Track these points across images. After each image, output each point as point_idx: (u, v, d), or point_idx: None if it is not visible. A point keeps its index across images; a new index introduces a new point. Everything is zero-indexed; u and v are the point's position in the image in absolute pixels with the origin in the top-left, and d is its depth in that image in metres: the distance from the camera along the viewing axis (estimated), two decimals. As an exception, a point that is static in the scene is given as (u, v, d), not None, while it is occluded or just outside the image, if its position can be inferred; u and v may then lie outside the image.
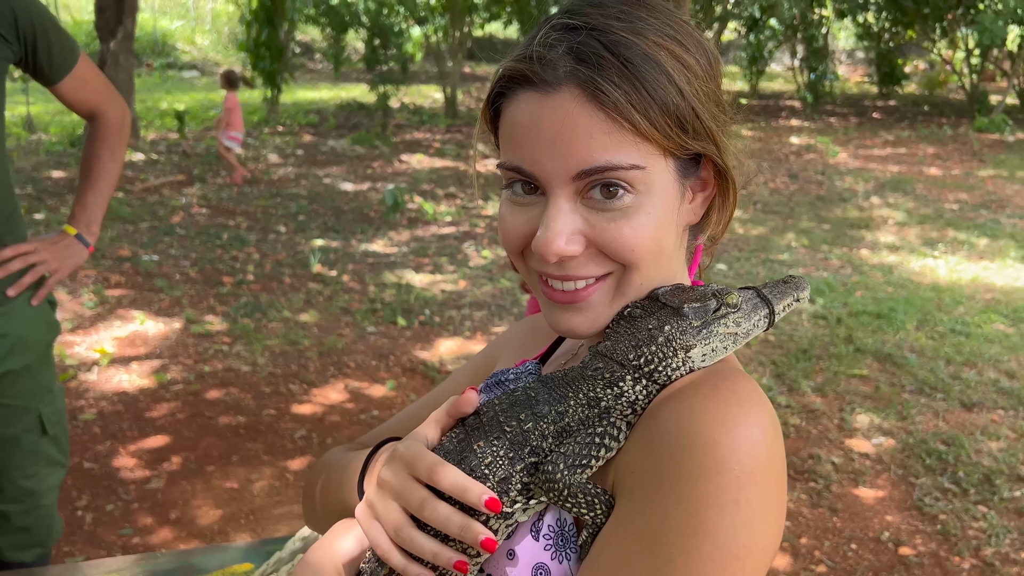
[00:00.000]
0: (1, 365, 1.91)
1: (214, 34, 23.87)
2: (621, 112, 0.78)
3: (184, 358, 4.68)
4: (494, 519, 0.80)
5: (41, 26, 1.89)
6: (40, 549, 2.14)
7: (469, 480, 0.79)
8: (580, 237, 0.82)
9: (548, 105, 0.80)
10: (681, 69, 0.81)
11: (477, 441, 0.82)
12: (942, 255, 7.19)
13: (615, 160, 0.79)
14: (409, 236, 7.64)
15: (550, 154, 0.80)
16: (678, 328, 0.80)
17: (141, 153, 11.04)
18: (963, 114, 15.95)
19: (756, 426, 0.73)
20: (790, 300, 0.85)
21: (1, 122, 1.89)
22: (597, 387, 0.81)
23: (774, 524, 0.74)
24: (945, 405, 4.28)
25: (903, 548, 3.14)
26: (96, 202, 2.09)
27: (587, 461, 0.79)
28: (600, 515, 0.79)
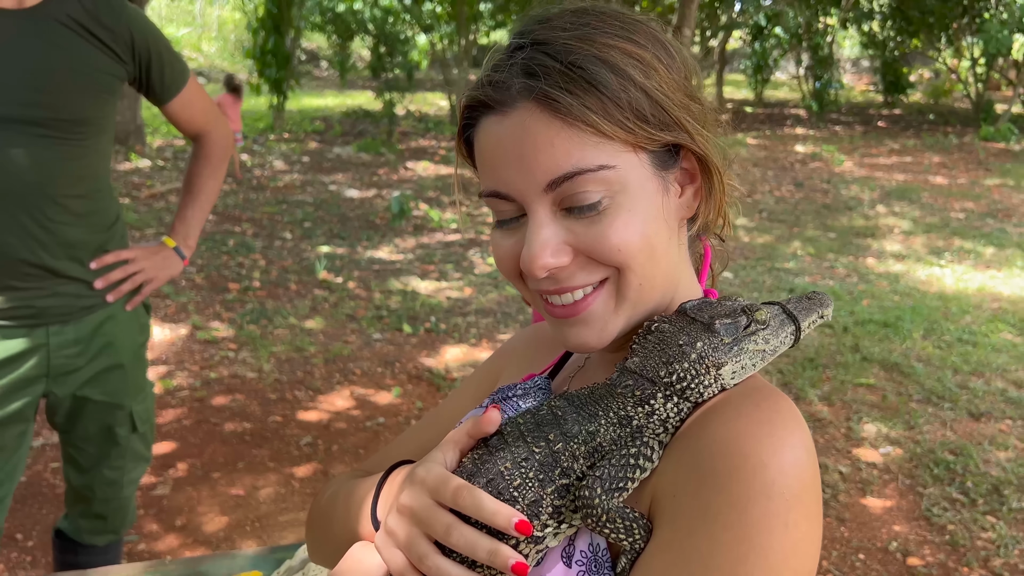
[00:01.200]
0: (96, 364, 2.01)
1: (220, 41, 23.97)
2: (577, 115, 0.77)
3: (190, 364, 4.68)
4: (524, 544, 0.77)
5: (156, 48, 1.97)
6: (113, 536, 2.26)
7: (498, 503, 0.76)
8: (566, 247, 0.81)
9: (508, 124, 0.80)
10: (636, 64, 0.79)
11: (504, 463, 0.79)
12: (948, 264, 7.18)
13: (581, 163, 0.78)
14: (415, 243, 7.64)
15: (519, 171, 0.80)
16: (710, 345, 0.79)
17: (147, 160, 11.08)
18: (969, 123, 15.94)
19: (801, 447, 0.73)
20: (815, 316, 0.83)
21: (110, 136, 1.98)
22: (627, 405, 0.79)
23: (817, 544, 0.74)
24: (953, 415, 4.27)
25: (911, 558, 3.12)
26: (195, 217, 2.20)
27: (623, 484, 0.77)
28: (639, 540, 0.76)
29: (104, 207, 1.99)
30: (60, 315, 1.92)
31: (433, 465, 0.81)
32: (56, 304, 1.91)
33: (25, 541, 3.10)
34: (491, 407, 0.83)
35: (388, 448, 1.13)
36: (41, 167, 1.80)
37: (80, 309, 1.95)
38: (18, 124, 1.76)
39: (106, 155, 1.98)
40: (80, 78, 1.83)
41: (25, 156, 1.77)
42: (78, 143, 1.85)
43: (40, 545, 3.06)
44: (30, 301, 1.87)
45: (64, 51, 1.80)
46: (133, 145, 11.28)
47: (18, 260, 1.83)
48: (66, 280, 1.91)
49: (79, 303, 1.95)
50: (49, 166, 1.81)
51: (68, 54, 1.80)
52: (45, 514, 3.25)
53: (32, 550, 3.05)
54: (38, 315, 1.89)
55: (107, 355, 2.02)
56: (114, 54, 1.87)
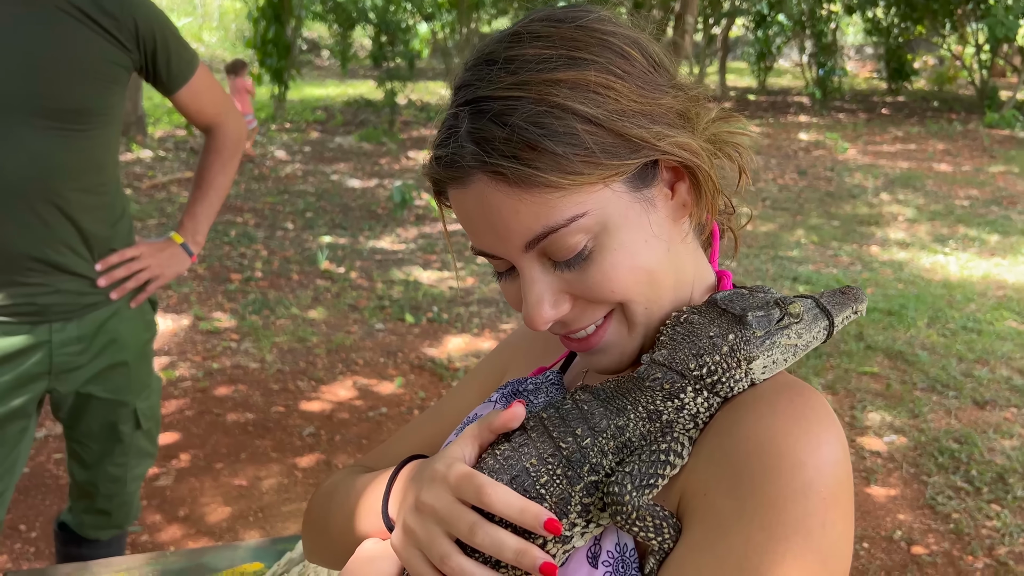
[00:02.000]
0: (100, 361, 1.99)
1: (221, 31, 23.90)
2: (531, 181, 0.74)
3: (192, 355, 4.68)
4: (551, 543, 0.75)
5: (162, 36, 1.92)
6: (117, 530, 2.26)
7: (525, 501, 0.73)
8: (564, 296, 0.80)
9: (470, 198, 0.78)
10: (583, 95, 0.75)
11: (529, 459, 0.76)
12: (953, 252, 7.15)
13: (550, 222, 0.76)
14: (417, 233, 7.63)
15: (494, 238, 0.79)
16: (742, 338, 0.76)
17: (149, 150, 11.06)
18: (973, 110, 15.86)
19: (837, 444, 0.72)
20: (849, 312, 0.80)
21: (117, 129, 1.94)
22: (657, 399, 0.77)
23: (851, 542, 0.73)
24: (957, 403, 4.25)
25: (916, 547, 3.11)
26: (204, 213, 2.16)
27: (654, 480, 0.74)
28: (668, 540, 0.74)
29: (110, 201, 1.95)
30: (63, 312, 1.90)
31: (454, 461, 0.78)
32: (59, 301, 1.89)
33: (28, 532, 3.10)
34: (516, 402, 0.80)
35: (389, 443, 1.10)
36: (44, 159, 1.77)
37: (83, 306, 1.93)
38: (19, 114, 1.73)
39: (113, 147, 1.94)
40: (83, 67, 1.79)
41: (28, 147, 1.74)
42: (83, 134, 1.82)
43: (43, 536, 3.06)
44: (33, 298, 1.85)
45: (66, 39, 1.76)
46: (134, 135, 11.26)
47: (20, 255, 1.81)
48: (70, 276, 1.88)
49: (82, 300, 1.92)
50: (52, 158, 1.78)
51: (71, 43, 1.77)
52: (48, 505, 3.25)
53: (35, 541, 3.05)
54: (41, 312, 1.87)
55: (111, 352, 2.00)
56: (119, 43, 1.83)
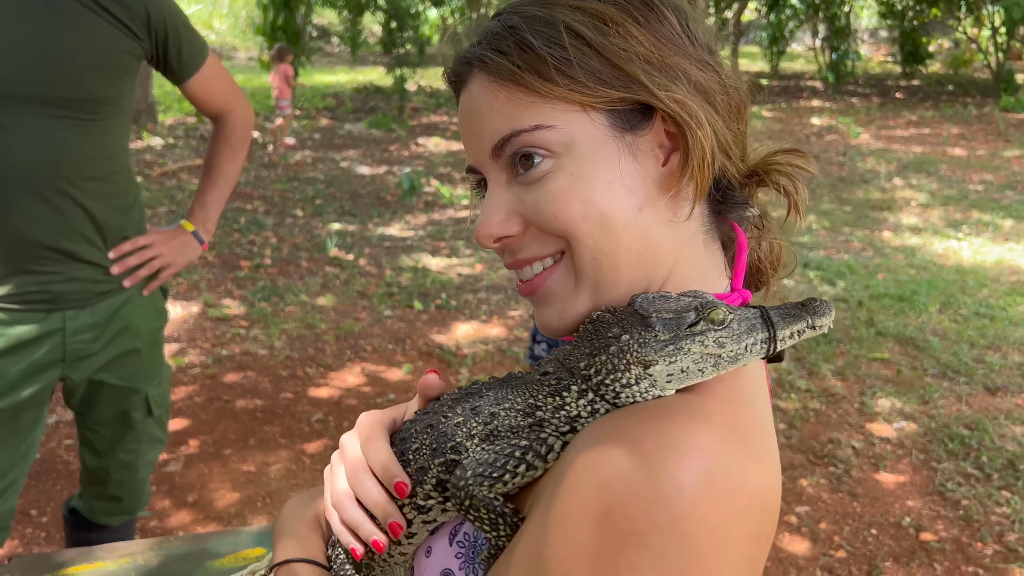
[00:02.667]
0: (112, 349, 2.00)
1: (231, 18, 23.89)
2: (510, 77, 0.75)
3: (202, 342, 4.70)
4: (409, 509, 0.79)
5: (172, 24, 1.92)
6: (127, 516, 2.27)
7: (391, 460, 0.79)
8: (516, 216, 0.78)
9: (465, 97, 0.81)
10: (592, 22, 0.75)
11: (416, 425, 0.81)
12: (966, 237, 7.08)
13: (517, 124, 0.75)
14: (426, 220, 7.62)
15: (473, 140, 0.80)
16: (638, 339, 0.69)
17: (159, 138, 11.09)
18: (989, 93, 15.68)
19: (670, 482, 0.61)
20: (802, 326, 0.71)
21: (128, 117, 1.94)
22: (540, 394, 0.73)
23: None
24: (968, 389, 4.22)
25: (924, 533, 3.10)
26: (214, 201, 2.17)
27: (499, 474, 0.71)
28: (503, 537, 0.71)
29: (122, 189, 1.96)
30: (76, 300, 1.91)
31: (385, 413, 0.86)
32: (72, 289, 1.89)
33: (39, 517, 3.13)
34: (429, 371, 0.85)
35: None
36: (56, 148, 1.77)
37: (96, 294, 1.94)
38: (30, 104, 1.74)
39: (124, 135, 1.95)
40: (94, 56, 1.79)
41: (39, 137, 1.75)
42: (94, 123, 1.82)
43: (54, 521, 3.09)
44: (46, 286, 1.86)
45: (77, 28, 1.76)
46: (145, 123, 11.29)
47: (34, 243, 1.82)
48: (82, 264, 1.89)
49: (95, 288, 1.93)
50: (64, 147, 1.78)
51: (81, 31, 1.77)
52: (59, 490, 3.28)
53: (47, 526, 3.08)
54: (54, 300, 1.88)
55: (123, 340, 2.01)
56: (129, 31, 1.83)
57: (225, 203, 2.21)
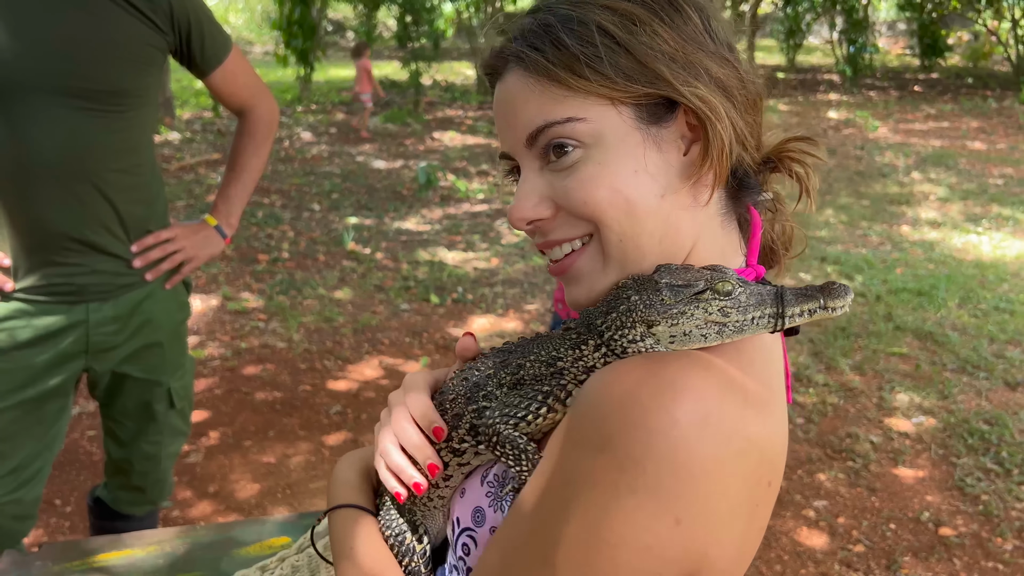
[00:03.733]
0: (135, 341, 2.02)
1: (247, 13, 23.98)
2: (546, 72, 0.81)
3: (221, 335, 4.74)
4: (445, 451, 0.88)
5: (196, 18, 1.94)
6: (151, 507, 2.31)
7: (429, 408, 0.89)
8: (547, 201, 0.85)
9: (501, 88, 0.87)
10: (622, 22, 0.81)
11: (453, 380, 0.90)
12: (986, 231, 7.02)
13: (550, 117, 0.82)
14: (442, 214, 7.64)
15: (508, 130, 0.86)
16: (645, 301, 0.77)
17: (177, 132, 11.16)
18: (1008, 86, 15.51)
19: (665, 415, 0.67)
20: (814, 305, 0.76)
21: (153, 110, 1.96)
22: (562, 347, 0.82)
23: (675, 528, 0.68)
24: (988, 384, 4.19)
25: (943, 528, 3.09)
26: (238, 195, 2.18)
27: (523, 415, 0.80)
28: (525, 471, 0.80)
29: (145, 182, 1.98)
30: (100, 292, 1.93)
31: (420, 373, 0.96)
32: (96, 281, 1.92)
33: (63, 507, 3.17)
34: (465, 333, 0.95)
35: None
36: (81, 139, 1.79)
37: (119, 287, 1.96)
38: (56, 95, 1.75)
39: (148, 129, 1.96)
40: (120, 49, 1.81)
41: (63, 128, 1.77)
42: (118, 115, 1.83)
43: (78, 510, 3.13)
44: (70, 278, 1.88)
45: (101, 21, 1.78)
46: (162, 117, 11.36)
47: (59, 234, 1.84)
48: (106, 257, 1.91)
49: (118, 281, 1.95)
50: (89, 138, 1.80)
51: (106, 24, 1.78)
52: (83, 480, 3.33)
53: (70, 515, 3.12)
54: (78, 292, 1.90)
55: (146, 333, 2.03)
56: (153, 24, 1.85)
57: (249, 197, 2.22)
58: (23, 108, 1.74)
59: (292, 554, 1.08)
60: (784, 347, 0.91)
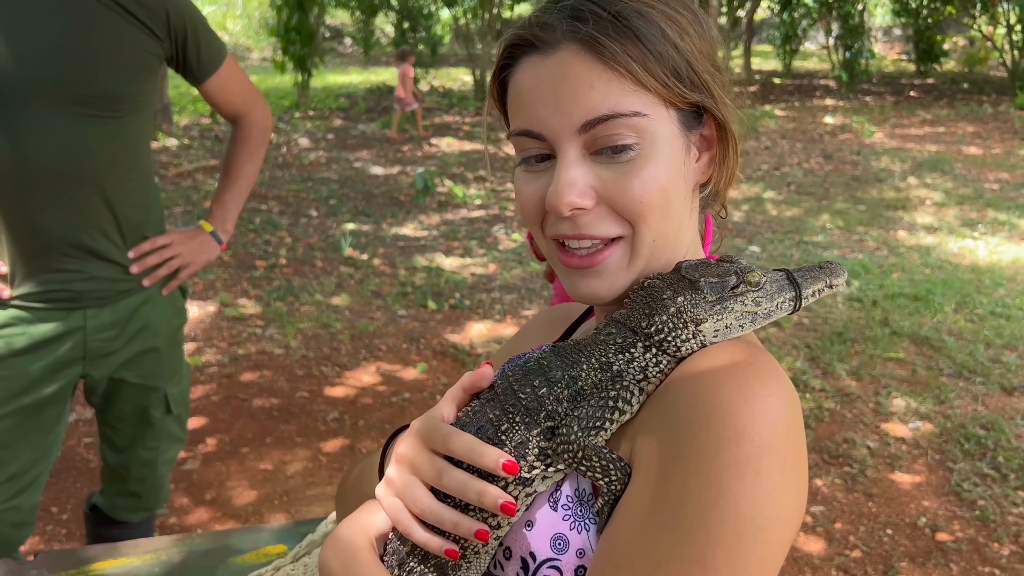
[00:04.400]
0: (132, 347, 2.02)
1: (245, 19, 24.01)
2: (620, 62, 0.80)
3: (218, 341, 4.74)
4: (513, 486, 0.80)
5: (192, 26, 1.95)
6: (147, 513, 2.30)
7: (484, 445, 0.79)
8: (591, 191, 0.83)
9: (549, 64, 0.82)
10: (673, 25, 0.83)
11: (493, 410, 0.82)
12: (982, 236, 7.04)
13: (618, 108, 0.81)
14: (439, 219, 7.65)
15: (555, 111, 0.82)
16: (691, 301, 0.80)
17: (174, 138, 11.17)
18: (1004, 91, 15.56)
19: (775, 397, 0.74)
20: (822, 285, 0.83)
21: (149, 116, 1.97)
22: (609, 352, 0.82)
23: (796, 497, 0.74)
24: (984, 389, 4.20)
25: (940, 534, 3.09)
26: (233, 201, 2.19)
27: (601, 423, 0.80)
28: (615, 481, 0.78)
29: (143, 187, 1.99)
30: (97, 298, 1.93)
31: (429, 417, 0.85)
32: (93, 288, 1.92)
33: (60, 514, 3.17)
34: (484, 363, 0.87)
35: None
36: (78, 145, 1.80)
37: (117, 293, 1.96)
38: (55, 101, 1.76)
39: (145, 134, 1.98)
40: (117, 55, 1.82)
41: (61, 134, 1.78)
42: (116, 121, 1.84)
43: (75, 518, 3.13)
44: (68, 284, 1.89)
45: (98, 26, 1.79)
46: (160, 124, 11.37)
47: (57, 240, 1.85)
48: (103, 262, 1.92)
49: (116, 287, 1.96)
50: (86, 144, 1.81)
51: (102, 30, 1.79)
52: (79, 488, 3.32)
53: (67, 523, 3.12)
54: (75, 298, 1.91)
55: (143, 338, 2.03)
56: (150, 31, 1.86)
57: (244, 204, 2.23)
58: (21, 114, 1.75)
59: (287, 563, 1.08)
60: None
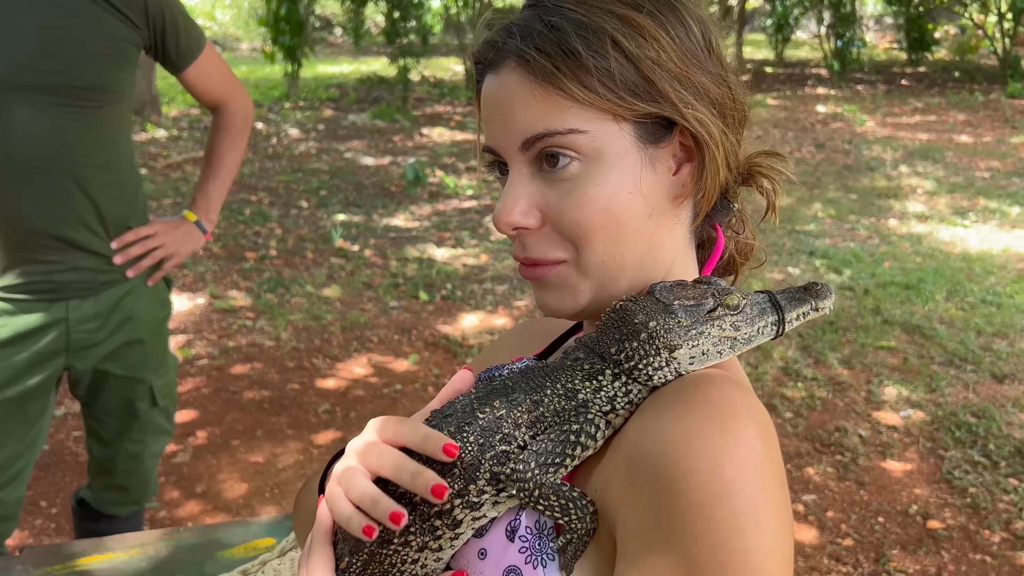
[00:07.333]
0: (116, 338, 2.01)
1: (234, 9, 23.84)
2: (550, 79, 0.78)
3: (208, 333, 4.71)
4: (460, 508, 0.77)
5: (170, 14, 1.93)
6: (135, 507, 2.29)
7: (430, 430, 0.76)
8: (535, 210, 0.82)
9: (497, 82, 0.83)
10: (630, 32, 0.78)
11: (449, 427, 0.78)
12: (973, 224, 7.05)
13: (551, 126, 0.79)
14: (431, 210, 7.61)
15: (501, 128, 0.82)
16: (663, 326, 0.75)
17: (163, 129, 11.09)
18: (995, 80, 15.57)
19: (756, 438, 0.69)
20: (807, 308, 0.79)
21: (129, 105, 1.95)
22: (575, 378, 0.78)
23: (790, 532, 0.72)
24: (975, 377, 4.21)
25: (932, 521, 3.10)
26: (216, 190, 2.17)
27: (561, 460, 0.75)
28: (575, 520, 0.74)
29: (124, 178, 1.97)
30: (79, 290, 1.92)
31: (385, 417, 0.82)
32: (75, 279, 1.90)
33: (49, 508, 3.15)
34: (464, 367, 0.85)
35: None
36: (57, 136, 1.78)
37: (100, 284, 1.95)
38: (31, 91, 1.74)
39: (125, 124, 1.96)
40: (93, 44, 1.80)
41: (40, 125, 1.76)
42: (95, 111, 1.83)
43: (63, 512, 3.11)
44: (49, 275, 1.87)
45: (75, 16, 1.77)
46: (149, 115, 11.28)
47: (37, 232, 1.83)
48: (86, 254, 1.90)
49: (98, 278, 1.94)
50: (65, 135, 1.79)
51: (79, 19, 1.77)
52: (68, 482, 3.30)
53: (56, 517, 3.10)
54: (57, 289, 1.89)
55: (127, 330, 2.02)
56: (128, 19, 1.84)
57: (227, 192, 2.22)
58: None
59: (273, 557, 1.07)
60: None
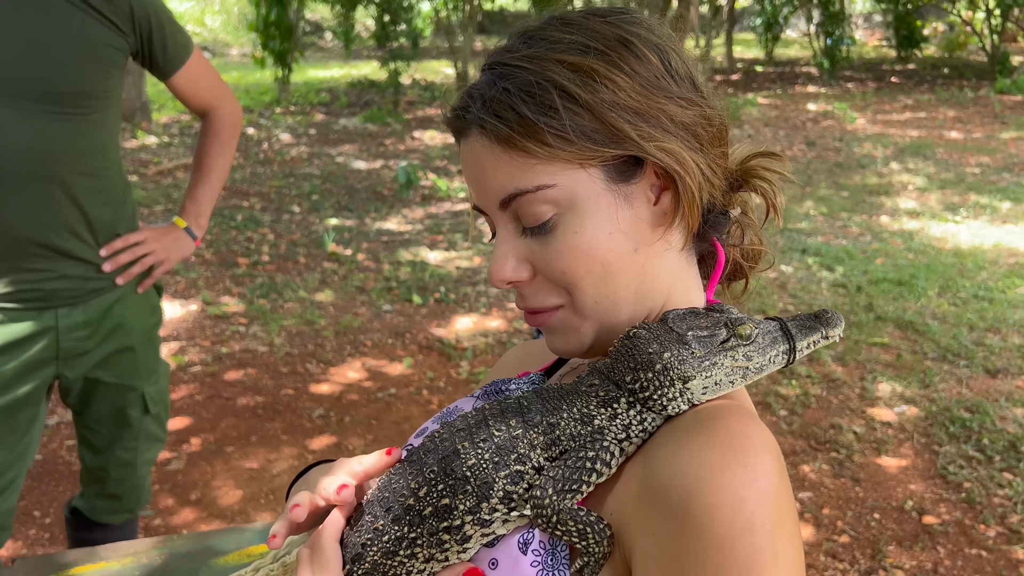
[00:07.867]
0: (107, 346, 2.00)
1: (224, 14, 23.80)
2: (510, 142, 0.80)
3: (201, 340, 4.69)
4: (470, 524, 0.78)
5: (157, 19, 1.92)
6: (128, 515, 2.27)
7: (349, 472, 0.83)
8: (526, 264, 0.84)
9: (466, 149, 0.85)
10: (582, 80, 0.79)
11: (462, 442, 0.79)
12: (964, 220, 7.08)
13: (520, 185, 0.81)
14: (423, 213, 7.61)
15: (479, 191, 0.86)
16: (678, 357, 0.76)
17: (154, 136, 11.06)
18: (984, 76, 15.64)
19: (775, 473, 0.71)
20: (817, 336, 0.79)
21: (117, 112, 1.94)
22: (591, 404, 0.78)
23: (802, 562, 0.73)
24: (969, 372, 4.23)
25: (927, 517, 3.10)
26: (206, 196, 2.16)
27: (577, 486, 0.76)
28: (592, 544, 0.75)
29: (113, 185, 1.96)
30: (69, 298, 1.90)
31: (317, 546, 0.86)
32: (64, 287, 1.89)
33: (43, 518, 3.13)
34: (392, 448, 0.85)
35: None
36: (45, 142, 1.77)
37: (89, 292, 1.93)
38: (16, 98, 1.73)
39: (113, 131, 1.95)
40: (81, 51, 1.79)
41: (26, 131, 1.74)
42: (83, 117, 1.82)
43: (57, 522, 3.09)
44: (38, 284, 1.86)
45: (62, 22, 1.76)
46: (139, 122, 11.25)
47: (25, 240, 1.81)
48: (74, 261, 1.89)
49: (88, 286, 1.93)
50: (53, 142, 1.78)
51: (69, 27, 1.76)
52: (61, 491, 3.28)
53: (50, 527, 3.08)
54: (46, 298, 1.88)
55: (117, 337, 2.01)
56: (114, 26, 1.83)
57: (217, 198, 2.21)
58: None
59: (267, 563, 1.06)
60: None
